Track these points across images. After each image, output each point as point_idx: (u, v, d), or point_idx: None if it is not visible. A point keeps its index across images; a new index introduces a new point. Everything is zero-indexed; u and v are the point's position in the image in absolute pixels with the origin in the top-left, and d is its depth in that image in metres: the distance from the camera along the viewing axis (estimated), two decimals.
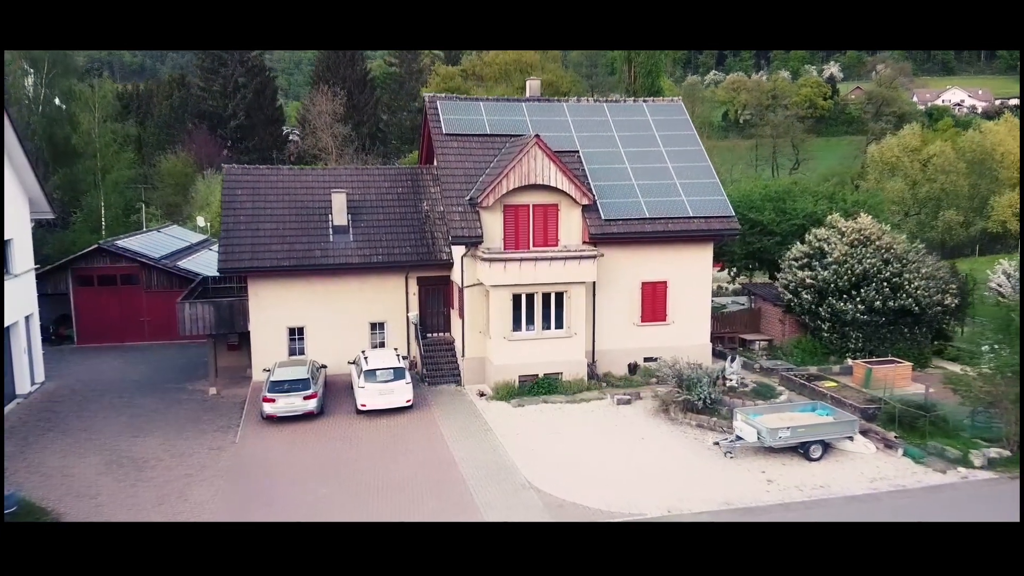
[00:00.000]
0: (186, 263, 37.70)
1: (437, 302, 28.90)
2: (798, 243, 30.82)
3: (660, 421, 22.92)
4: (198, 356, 30.16)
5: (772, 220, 34.31)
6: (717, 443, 20.42)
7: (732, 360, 23.78)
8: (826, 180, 55.67)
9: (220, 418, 24.18)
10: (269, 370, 24.22)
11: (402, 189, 29.71)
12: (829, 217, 30.70)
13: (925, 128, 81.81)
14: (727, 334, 31.63)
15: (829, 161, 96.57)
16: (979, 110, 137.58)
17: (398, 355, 24.73)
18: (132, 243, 37.74)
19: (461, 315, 26.24)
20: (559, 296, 25.42)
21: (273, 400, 22.97)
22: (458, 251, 26.41)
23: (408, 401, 23.64)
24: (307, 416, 23.25)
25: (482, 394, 25.23)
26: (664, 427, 22.42)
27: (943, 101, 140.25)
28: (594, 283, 26.42)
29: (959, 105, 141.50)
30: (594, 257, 25.16)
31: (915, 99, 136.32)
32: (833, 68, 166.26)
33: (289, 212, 28.13)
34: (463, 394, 25.68)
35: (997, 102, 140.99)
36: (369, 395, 23.36)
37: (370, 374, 23.61)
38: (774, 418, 20.68)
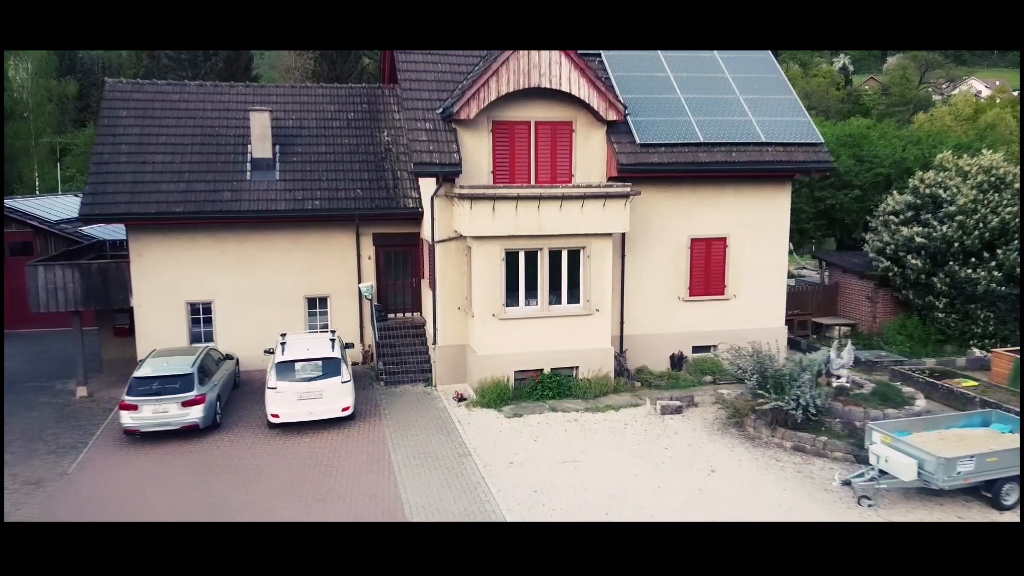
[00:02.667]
0: (97, 229, 29.58)
1: (402, 270, 20.76)
2: (895, 193, 22.64)
3: (733, 441, 14.78)
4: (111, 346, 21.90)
5: (849, 169, 26.16)
6: (847, 482, 12.24)
7: (841, 349, 15.74)
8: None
9: (71, 431, 16.14)
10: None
11: (354, 114, 21.56)
12: (940, 156, 22.49)
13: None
14: (795, 317, 23.39)
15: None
16: (998, 102, 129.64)
17: (334, 341, 16.58)
18: (30, 205, 29.66)
19: (432, 285, 18.10)
20: (574, 256, 17.30)
21: (135, 407, 14.86)
22: (427, 189, 18.29)
23: (346, 410, 15.54)
24: (189, 431, 15.18)
25: (461, 398, 17.13)
26: (741, 451, 14.27)
27: (959, 92, 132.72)
28: (624, 237, 18.29)
29: (978, 96, 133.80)
30: (626, 196, 17.00)
31: (931, 89, 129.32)
32: (844, 59, 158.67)
33: (192, 140, 20.02)
34: (434, 398, 17.56)
35: (1015, 93, 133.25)
36: (284, 401, 15.24)
37: (285, 369, 15.49)
38: (933, 439, 12.54)
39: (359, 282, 20.06)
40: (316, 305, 20.33)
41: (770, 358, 15.11)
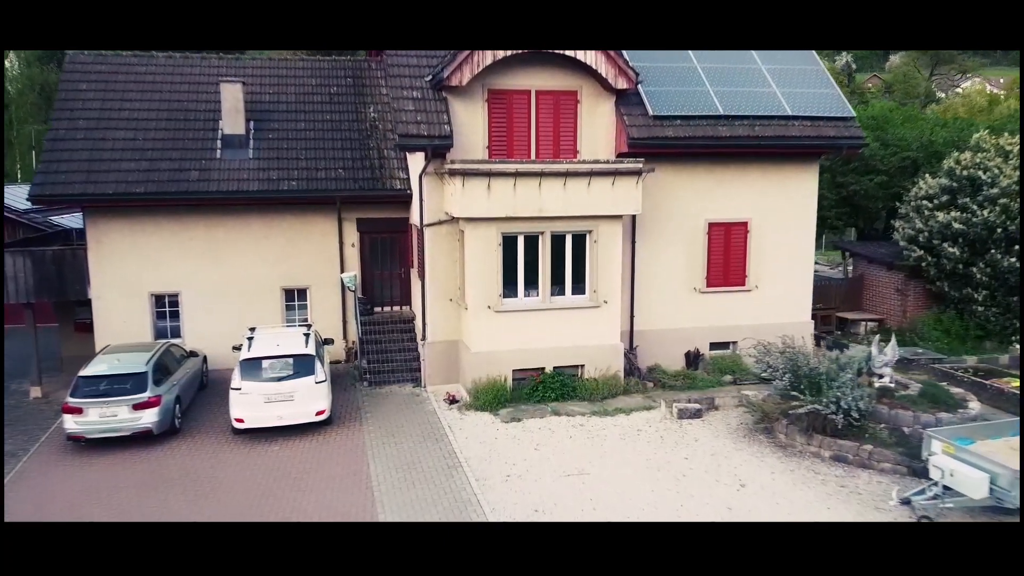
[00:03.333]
0: (71, 219, 27.70)
1: (389, 259, 18.89)
2: (927, 176, 20.77)
3: (762, 449, 12.91)
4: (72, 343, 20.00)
5: (874, 153, 24.29)
6: (907, 501, 10.34)
7: (883, 345, 13.88)
8: None
9: (16, 436, 14.36)
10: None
11: (337, 88, 19.69)
12: (977, 136, 20.62)
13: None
14: (818, 312, 21.48)
15: None
16: (1015, 91, 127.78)
17: (309, 336, 14.69)
18: None
19: (421, 274, 16.24)
20: (579, 241, 15.43)
21: (79, 410, 13.02)
22: (415, 168, 16.43)
23: (320, 413, 13.68)
24: (143, 437, 13.34)
25: (453, 400, 15.27)
26: (773, 461, 12.40)
27: (970, 84, 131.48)
28: (634, 220, 16.44)
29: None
30: (639, 173, 15.13)
31: (934, 86, 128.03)
32: (847, 57, 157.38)
33: (158, 116, 18.16)
34: (422, 400, 15.69)
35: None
36: (249, 403, 13.37)
37: (251, 367, 13.62)
38: (1002, 448, 10.66)
39: (341, 272, 18.20)
40: (294, 297, 18.47)
41: (804, 355, 13.23)
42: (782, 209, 17.40)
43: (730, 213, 17.14)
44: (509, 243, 15.08)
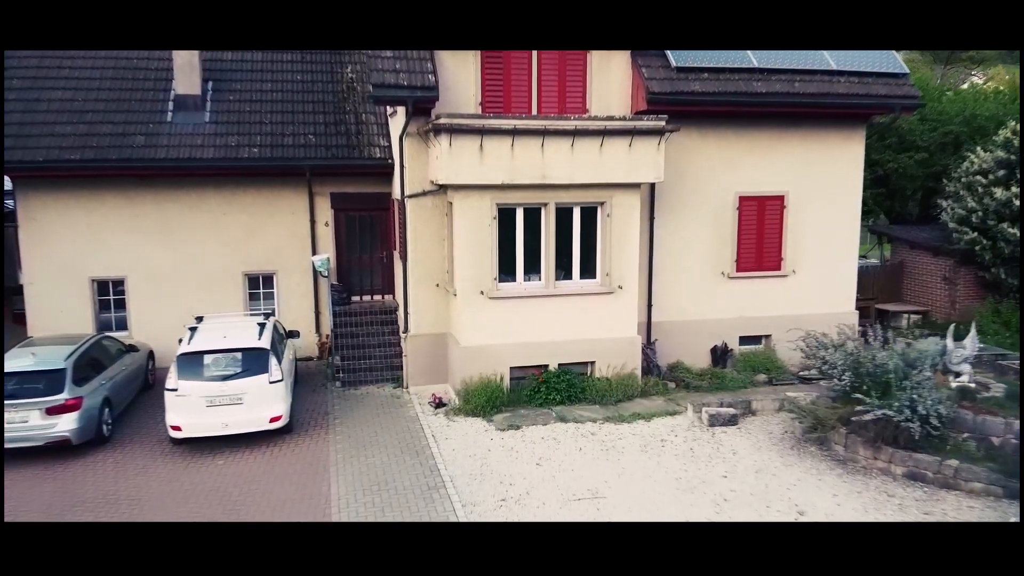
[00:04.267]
0: None
1: (369, 240, 16.48)
2: (979, 150, 18.35)
3: (817, 465, 10.48)
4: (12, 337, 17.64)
5: (912, 127, 21.85)
6: None
7: (962, 339, 11.44)
8: None
9: None
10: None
11: None
12: None
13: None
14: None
15: None
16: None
17: (264, 326, 12.25)
18: None
19: (403, 255, 13.80)
20: (589, 214, 13.02)
21: None
22: (396, 129, 14.02)
23: (275, 420, 11.28)
24: (60, 447, 10.95)
25: (439, 404, 12.86)
26: (833, 480, 9.98)
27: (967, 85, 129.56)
28: (652, 191, 14.04)
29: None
30: (660, 132, 12.69)
31: (939, 82, 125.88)
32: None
33: (102, 75, 15.76)
34: (403, 403, 13.27)
35: None
36: (188, 407, 10.96)
37: (190, 363, 11.19)
38: None
39: (313, 254, 15.78)
40: (259, 284, 16.06)
41: (869, 349, 10.81)
42: (824, 181, 14.97)
43: (764, 185, 14.71)
44: (506, 217, 12.66)
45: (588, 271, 13.21)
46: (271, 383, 11.21)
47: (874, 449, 10.33)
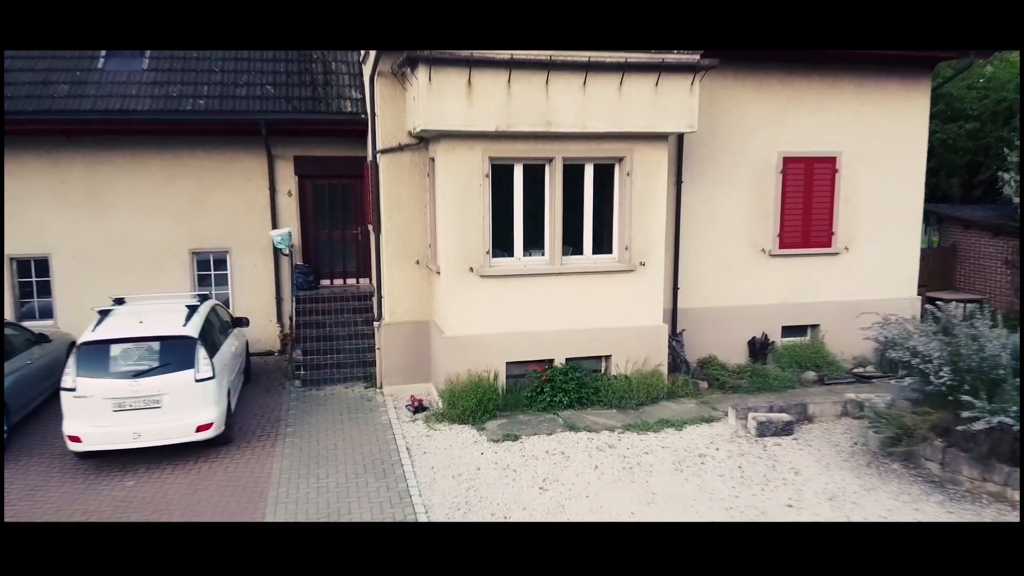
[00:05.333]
0: None
1: (341, 213, 14.00)
2: None
3: (909, 489, 7.97)
4: None
5: (960, 95, 19.40)
6: None
7: None
8: None
9: None
10: None
11: None
12: None
13: None
14: None
15: None
16: None
17: (195, 310, 9.71)
18: None
19: (376, 226, 11.29)
20: (604, 174, 10.54)
21: None
22: (367, 72, 11.52)
23: (204, 428, 8.78)
24: None
25: (419, 408, 10.39)
26: (933, 510, 7.46)
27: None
28: (680, 149, 11.57)
29: None
30: (694, 68, 10.16)
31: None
32: None
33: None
34: (375, 407, 10.78)
35: None
36: (89, 412, 8.46)
37: (92, 356, 8.65)
38: None
39: (273, 228, 13.30)
40: (210, 265, 13.56)
41: (973, 336, 8.33)
42: (883, 140, 12.49)
43: (813, 143, 12.23)
44: (501, 175, 10.18)
45: (603, 244, 10.73)
46: (199, 381, 8.71)
47: (984, 468, 7.84)
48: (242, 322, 11.44)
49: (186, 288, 13.10)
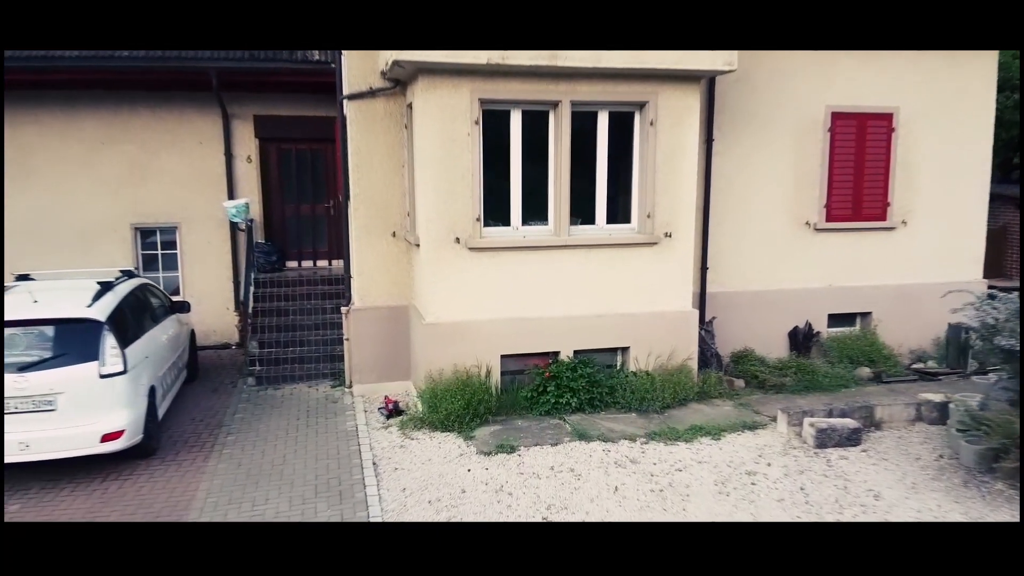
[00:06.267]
0: None
1: (310, 183, 12.08)
2: None
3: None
4: None
5: (1005, 63, 17.49)
6: None
7: None
8: None
9: None
10: None
11: None
12: None
13: None
14: None
15: None
16: None
17: (112, 286, 7.79)
18: None
19: (344, 191, 9.31)
20: (621, 123, 8.60)
21: None
22: None
23: (114, 437, 6.83)
24: None
25: (394, 411, 8.46)
26: None
27: None
28: (711, 100, 9.64)
29: None
30: None
31: None
32: None
33: None
34: (341, 410, 8.84)
35: None
36: None
37: None
38: None
39: (229, 199, 11.38)
40: (156, 243, 11.64)
41: None
42: (946, 94, 10.59)
43: (865, 96, 10.30)
44: (494, 123, 8.24)
45: (620, 212, 8.81)
46: (105, 377, 6.78)
47: None
48: (182, 307, 9.49)
49: (127, 264, 11.14)
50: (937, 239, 10.82)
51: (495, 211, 8.41)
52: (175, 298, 9.99)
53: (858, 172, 10.46)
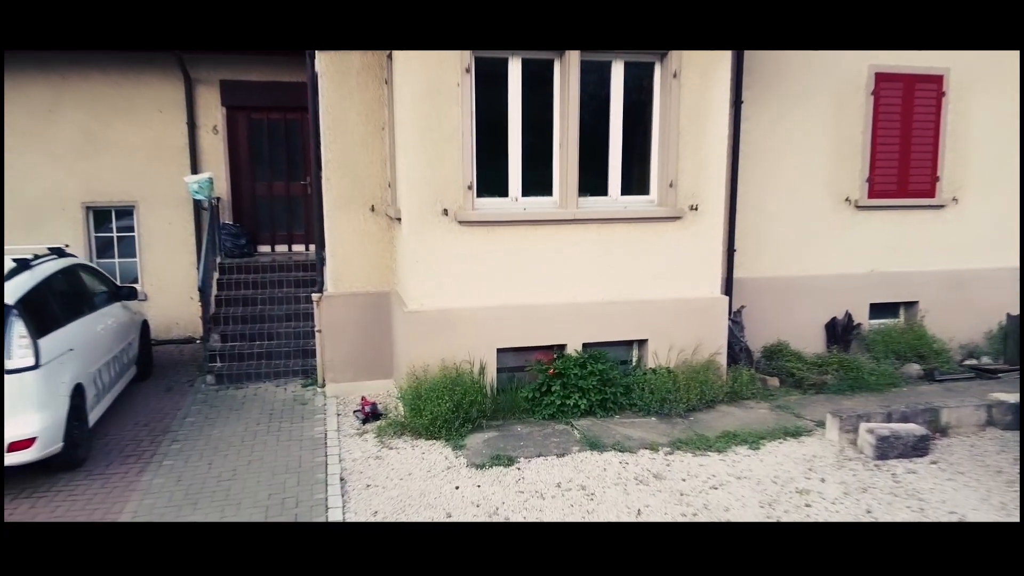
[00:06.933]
0: None
1: (285, 159, 10.82)
2: None
3: None
4: None
5: None
6: None
7: None
8: None
9: None
10: None
11: None
12: None
13: None
14: None
15: None
16: None
17: (28, 265, 6.51)
18: None
19: (316, 159, 8.04)
20: (638, 76, 7.31)
21: None
22: None
23: (24, 446, 5.55)
24: None
25: (371, 414, 7.20)
26: None
27: None
28: (740, 56, 8.36)
29: None
30: None
31: None
32: None
33: None
34: (310, 414, 7.57)
35: None
36: None
37: None
38: None
39: (194, 174, 10.11)
40: (111, 224, 10.39)
41: None
42: (1002, 55, 9.31)
43: (913, 55, 9.03)
44: (488, 76, 6.97)
45: (636, 181, 7.54)
46: (11, 373, 5.52)
47: None
48: (128, 293, 8.22)
49: (80, 248, 9.90)
50: (991, 219, 9.55)
51: (490, 179, 7.15)
52: (130, 286, 8.71)
53: (904, 142, 9.19)
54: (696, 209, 7.45)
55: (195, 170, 10.16)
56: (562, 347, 7.40)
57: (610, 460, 6.17)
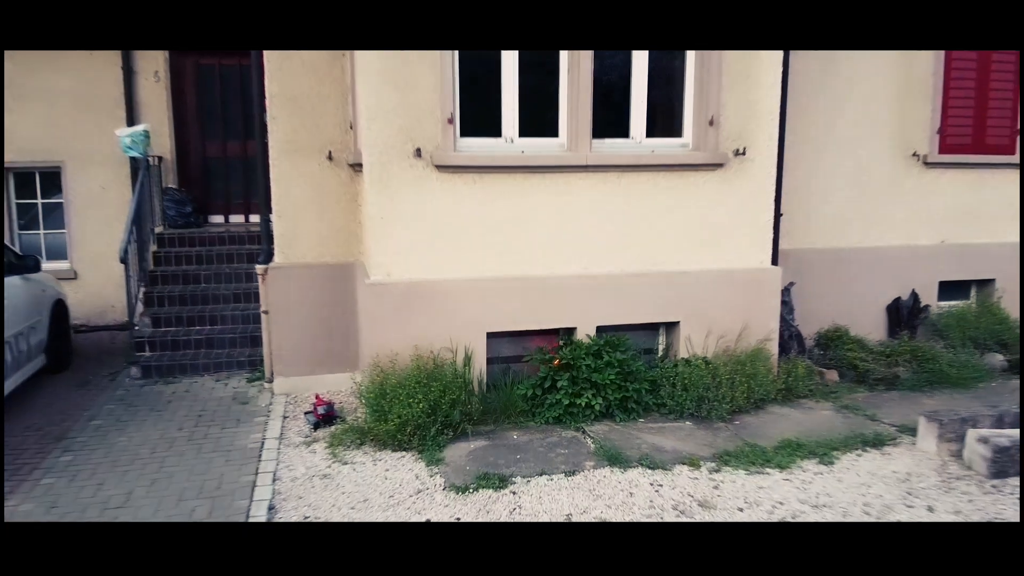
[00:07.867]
0: None
1: (240, 113, 9.20)
2: None
3: None
4: None
5: None
6: None
7: None
8: None
9: None
10: None
11: None
12: None
13: None
14: None
15: None
16: None
17: None
18: None
19: (259, 94, 6.42)
20: None
21: None
22: None
23: None
24: None
25: (325, 417, 5.60)
26: None
27: None
28: None
29: None
30: None
31: None
32: None
33: None
34: (250, 415, 5.98)
35: None
36: None
37: None
38: None
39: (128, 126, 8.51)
40: (35, 190, 8.80)
41: None
42: None
43: None
44: None
45: (664, 120, 5.94)
46: None
47: None
48: (31, 264, 6.63)
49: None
50: None
51: (478, 112, 5.55)
52: (33, 255, 7.11)
53: (981, 86, 7.59)
54: (743, 154, 5.85)
55: (132, 124, 8.56)
56: (570, 331, 5.81)
57: (637, 481, 4.58)
